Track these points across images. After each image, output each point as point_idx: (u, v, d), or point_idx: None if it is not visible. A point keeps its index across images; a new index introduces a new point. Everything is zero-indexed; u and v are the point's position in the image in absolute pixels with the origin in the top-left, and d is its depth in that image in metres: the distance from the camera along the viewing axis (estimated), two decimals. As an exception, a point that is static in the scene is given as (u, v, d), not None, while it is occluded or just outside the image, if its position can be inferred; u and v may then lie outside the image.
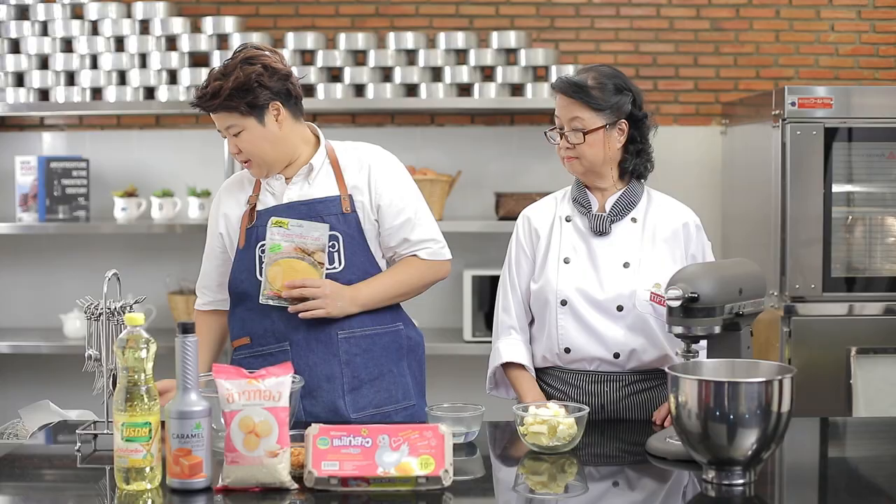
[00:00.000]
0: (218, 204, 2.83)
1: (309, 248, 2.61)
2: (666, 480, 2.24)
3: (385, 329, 2.74)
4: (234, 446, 2.05)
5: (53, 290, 4.63)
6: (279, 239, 2.61)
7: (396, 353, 2.76)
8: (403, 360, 2.78)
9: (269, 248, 2.62)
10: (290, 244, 2.61)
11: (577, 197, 2.73)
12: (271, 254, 2.61)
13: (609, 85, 2.64)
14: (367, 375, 2.70)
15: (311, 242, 2.62)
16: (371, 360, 2.71)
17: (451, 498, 2.06)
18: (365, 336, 2.70)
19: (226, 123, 2.66)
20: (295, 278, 2.61)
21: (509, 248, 2.80)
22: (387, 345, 2.74)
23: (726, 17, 4.59)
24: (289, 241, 2.61)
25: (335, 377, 2.67)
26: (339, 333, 2.68)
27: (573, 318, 2.65)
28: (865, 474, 2.35)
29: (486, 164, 4.56)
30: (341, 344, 2.68)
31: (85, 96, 4.38)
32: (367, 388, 2.70)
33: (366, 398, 2.69)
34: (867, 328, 3.80)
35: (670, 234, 2.70)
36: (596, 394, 2.68)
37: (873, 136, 3.81)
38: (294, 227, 2.61)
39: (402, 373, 2.77)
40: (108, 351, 2.38)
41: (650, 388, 2.69)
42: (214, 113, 2.65)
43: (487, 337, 4.21)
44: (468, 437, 2.41)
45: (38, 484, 2.28)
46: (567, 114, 2.65)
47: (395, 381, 2.74)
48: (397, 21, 4.57)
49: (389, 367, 2.74)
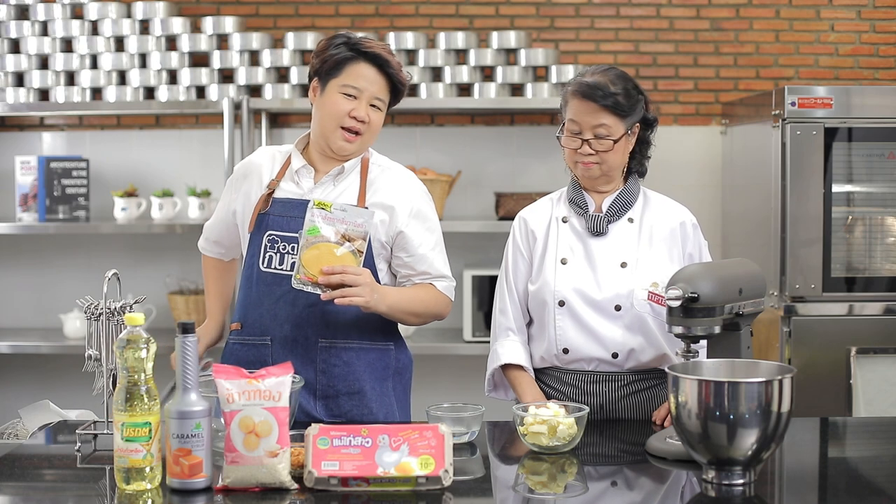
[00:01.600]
0: (246, 175, 2.75)
1: (350, 235, 2.47)
2: (666, 480, 2.24)
3: (372, 346, 2.69)
4: (234, 446, 2.05)
5: (53, 290, 4.64)
6: (320, 222, 2.46)
7: (382, 372, 2.71)
8: (388, 381, 2.73)
9: (308, 230, 2.45)
10: (332, 228, 2.47)
11: (574, 198, 2.73)
12: (309, 236, 2.45)
13: (631, 91, 2.63)
14: (344, 387, 2.66)
15: (354, 229, 2.48)
16: (351, 373, 2.66)
17: (451, 498, 2.06)
18: (347, 349, 2.66)
19: (380, 94, 2.63)
20: (333, 264, 2.46)
21: (506, 250, 2.79)
22: (372, 362, 2.69)
23: (726, 17, 4.59)
24: (330, 224, 2.47)
25: (309, 382, 2.63)
26: (321, 342, 2.64)
27: (571, 318, 2.65)
28: (865, 474, 2.35)
29: (486, 164, 4.56)
30: (320, 352, 2.64)
31: (85, 96, 4.38)
32: (344, 400, 2.66)
33: (341, 408, 2.65)
34: (867, 328, 3.80)
35: (667, 233, 2.70)
36: (594, 394, 2.68)
37: (873, 136, 3.81)
38: (337, 210, 2.46)
39: (386, 392, 2.72)
40: (108, 351, 2.38)
41: (648, 388, 2.69)
42: (389, 81, 2.64)
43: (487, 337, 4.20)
44: (468, 437, 2.41)
45: (38, 484, 2.28)
46: (592, 120, 2.61)
47: (378, 400, 2.69)
48: (397, 21, 4.57)
49: (372, 385, 2.69)
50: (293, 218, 2.62)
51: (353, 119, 2.61)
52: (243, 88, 4.35)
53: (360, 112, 2.61)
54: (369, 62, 2.61)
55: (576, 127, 2.64)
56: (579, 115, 2.63)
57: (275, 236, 2.64)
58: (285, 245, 2.63)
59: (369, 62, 2.61)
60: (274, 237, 2.64)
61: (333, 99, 2.62)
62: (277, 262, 2.64)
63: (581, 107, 2.62)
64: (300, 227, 2.52)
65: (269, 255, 2.65)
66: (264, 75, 4.34)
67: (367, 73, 2.62)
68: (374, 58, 2.61)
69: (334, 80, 2.62)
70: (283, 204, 2.65)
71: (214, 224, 2.86)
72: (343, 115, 2.61)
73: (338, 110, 2.61)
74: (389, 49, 2.66)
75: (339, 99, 2.62)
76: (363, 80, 2.61)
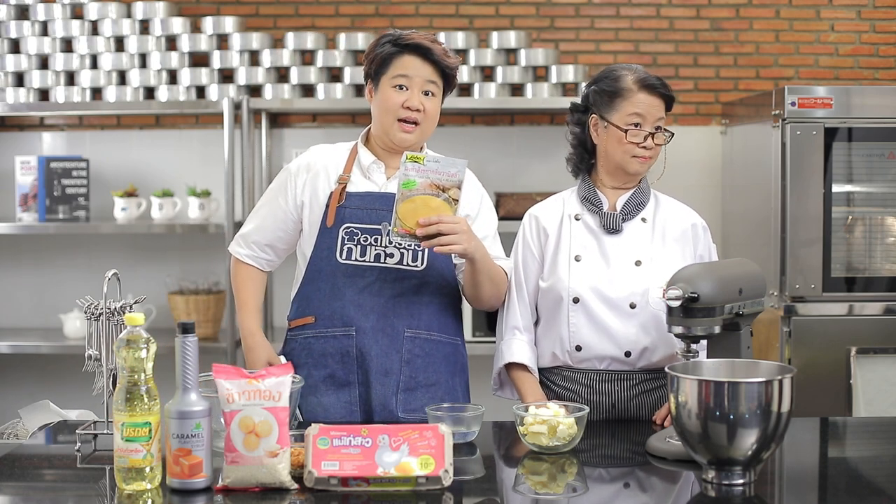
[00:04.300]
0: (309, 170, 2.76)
1: (444, 185, 2.50)
2: (666, 480, 2.24)
3: (449, 339, 2.73)
4: (234, 446, 2.05)
5: (53, 290, 4.64)
6: (413, 175, 2.48)
7: (454, 366, 2.75)
8: (457, 376, 2.76)
9: (403, 184, 2.48)
10: (426, 180, 2.48)
11: (588, 195, 2.74)
12: (404, 190, 2.47)
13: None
14: (424, 379, 2.68)
15: (448, 178, 2.50)
16: (431, 364, 2.69)
17: (451, 498, 2.06)
18: (429, 340, 2.69)
19: (431, 79, 2.66)
20: (429, 215, 2.48)
21: (515, 248, 2.79)
22: (447, 355, 2.73)
23: (726, 17, 4.60)
24: (423, 176, 2.48)
25: (393, 373, 2.65)
26: (406, 332, 2.67)
27: (585, 315, 2.65)
28: (865, 474, 2.35)
29: (486, 164, 4.55)
30: (405, 342, 2.67)
31: (85, 96, 4.38)
32: (422, 392, 2.68)
33: (418, 401, 2.66)
34: (867, 328, 3.80)
35: (679, 233, 2.71)
36: (606, 393, 2.68)
37: (873, 136, 3.81)
38: (430, 161, 2.48)
39: (456, 387, 2.75)
40: (108, 351, 2.38)
41: (660, 388, 2.68)
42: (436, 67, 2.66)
43: (488, 336, 4.21)
44: (468, 437, 2.41)
45: (38, 484, 2.28)
46: (657, 113, 2.65)
47: (450, 393, 2.71)
48: (397, 21, 4.57)
49: (446, 378, 2.72)
50: (372, 210, 2.65)
51: (407, 109, 2.66)
52: (243, 88, 4.35)
53: (414, 101, 2.65)
54: (413, 53, 2.66)
55: (640, 119, 2.65)
56: (647, 107, 2.65)
57: (353, 229, 2.66)
58: (367, 237, 2.66)
59: (413, 53, 2.66)
60: (352, 230, 2.66)
61: (387, 94, 2.67)
62: (359, 253, 2.66)
63: (650, 101, 2.65)
64: (379, 219, 2.61)
65: (349, 247, 2.66)
66: (264, 75, 4.35)
67: (413, 63, 2.66)
68: (416, 48, 2.66)
69: (384, 76, 2.68)
70: (359, 197, 2.68)
71: (267, 226, 2.80)
72: (397, 107, 2.66)
73: (392, 103, 2.66)
74: (432, 38, 2.70)
75: (391, 93, 2.67)
76: (411, 69, 2.66)
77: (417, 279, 2.66)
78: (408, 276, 2.66)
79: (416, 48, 2.65)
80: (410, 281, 2.67)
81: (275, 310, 4.55)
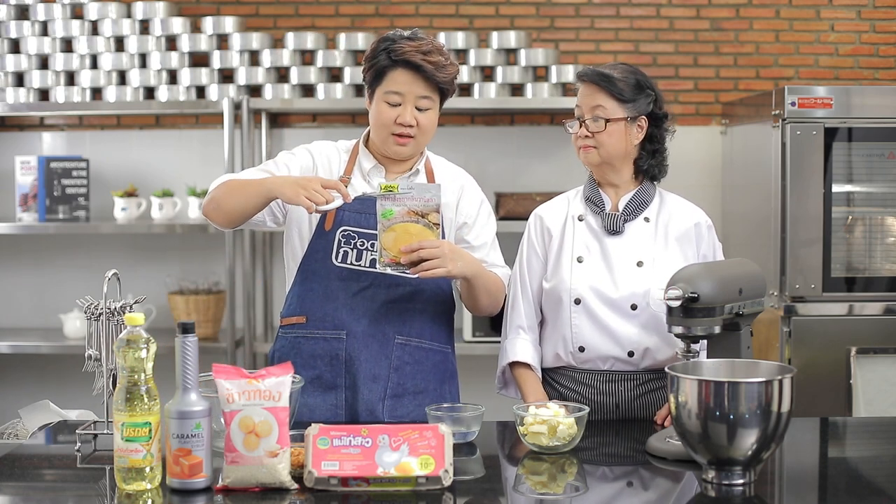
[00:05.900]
0: (314, 157, 2.74)
1: (422, 210, 2.51)
2: (666, 480, 2.24)
3: (439, 347, 2.74)
4: (234, 446, 2.05)
5: (53, 290, 4.64)
6: (389, 205, 2.50)
7: (443, 374, 2.75)
8: (446, 384, 2.76)
9: (381, 214, 2.50)
10: (403, 208, 2.51)
11: (591, 196, 2.74)
12: (384, 220, 2.50)
13: (633, 79, 2.67)
14: (412, 386, 2.69)
15: (424, 204, 2.51)
16: (420, 372, 2.70)
17: (450, 498, 2.06)
18: (420, 348, 2.70)
19: (424, 94, 2.63)
20: (411, 242, 2.50)
21: (520, 248, 2.80)
22: (437, 363, 2.73)
23: (726, 17, 4.60)
24: (400, 205, 2.50)
25: (381, 378, 2.66)
26: (397, 338, 2.67)
27: (587, 316, 2.66)
28: (865, 474, 2.35)
29: (486, 164, 4.55)
30: (395, 349, 2.67)
31: (85, 96, 4.38)
32: (409, 399, 2.68)
33: (405, 408, 2.67)
34: (867, 328, 3.80)
35: (682, 233, 2.71)
36: (610, 393, 2.68)
37: (873, 136, 3.81)
38: (404, 189, 2.50)
39: (445, 394, 2.75)
40: (108, 351, 2.38)
41: (663, 388, 2.68)
42: (429, 82, 2.62)
43: (488, 336, 4.22)
44: (468, 437, 2.41)
45: (38, 484, 2.28)
46: (590, 102, 2.66)
47: (438, 401, 2.69)
48: (397, 21, 4.57)
49: (435, 385, 2.72)
50: (371, 214, 2.62)
51: (399, 125, 2.65)
52: (243, 88, 4.35)
53: (406, 117, 2.64)
54: (405, 68, 2.63)
55: (578, 111, 2.69)
56: (581, 98, 2.68)
57: (350, 232, 2.66)
58: (363, 241, 2.66)
59: (405, 68, 2.63)
60: (349, 233, 2.66)
61: (380, 108, 2.66)
62: (354, 257, 2.66)
63: (583, 90, 2.69)
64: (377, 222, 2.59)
65: (344, 250, 2.66)
66: (264, 75, 4.35)
67: (405, 79, 2.63)
68: (406, 64, 2.62)
69: (378, 88, 2.67)
70: (359, 201, 2.65)
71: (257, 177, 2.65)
72: (390, 122, 2.65)
73: (385, 118, 2.65)
74: (428, 48, 2.63)
75: (384, 108, 2.65)
76: (403, 85, 2.63)
77: (412, 286, 2.67)
78: (402, 283, 2.66)
79: (406, 64, 2.62)
80: (405, 288, 2.67)
81: (275, 310, 4.55)
